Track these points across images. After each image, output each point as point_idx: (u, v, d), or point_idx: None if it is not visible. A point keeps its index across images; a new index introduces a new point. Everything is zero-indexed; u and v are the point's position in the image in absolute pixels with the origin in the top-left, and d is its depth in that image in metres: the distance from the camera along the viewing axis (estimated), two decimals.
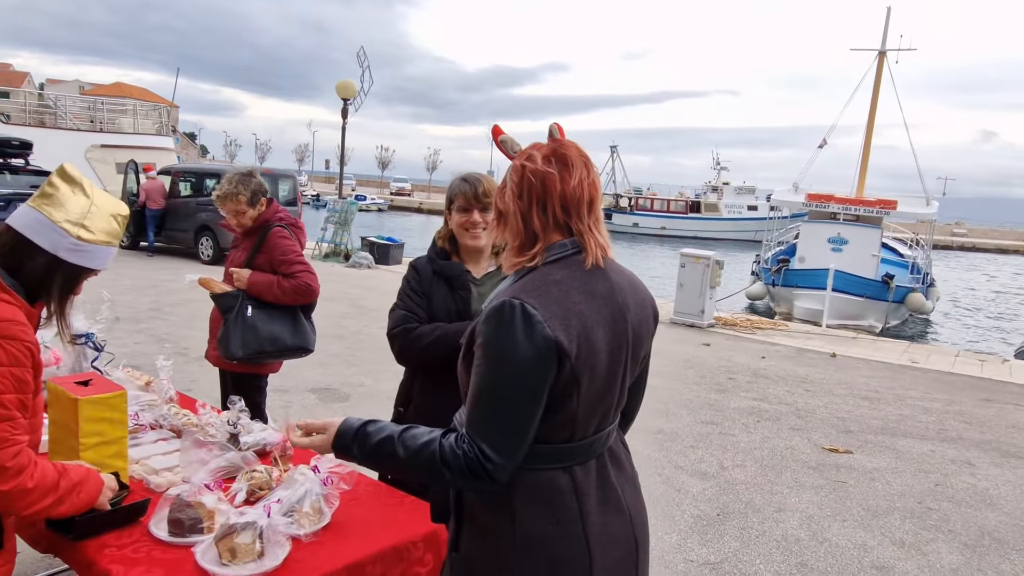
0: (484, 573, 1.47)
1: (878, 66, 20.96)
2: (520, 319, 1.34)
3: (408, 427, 1.45)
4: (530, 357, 1.34)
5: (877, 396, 7.45)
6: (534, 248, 1.46)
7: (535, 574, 1.44)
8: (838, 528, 4.20)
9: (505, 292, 1.41)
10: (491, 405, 1.36)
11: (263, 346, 3.32)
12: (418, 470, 1.41)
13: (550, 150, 1.49)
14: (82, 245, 1.72)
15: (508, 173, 1.51)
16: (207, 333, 3.70)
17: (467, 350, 1.46)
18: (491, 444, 1.36)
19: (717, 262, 11.02)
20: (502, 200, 1.50)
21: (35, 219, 1.70)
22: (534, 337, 1.33)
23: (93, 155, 20.65)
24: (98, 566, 1.73)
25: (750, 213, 51.04)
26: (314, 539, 1.88)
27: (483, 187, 2.32)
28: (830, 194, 19.32)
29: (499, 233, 1.53)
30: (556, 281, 1.41)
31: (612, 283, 1.48)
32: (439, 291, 2.32)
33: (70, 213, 1.72)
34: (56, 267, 1.71)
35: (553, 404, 1.39)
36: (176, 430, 2.47)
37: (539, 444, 1.41)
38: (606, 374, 1.45)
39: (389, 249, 15.89)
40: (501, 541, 1.44)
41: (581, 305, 1.40)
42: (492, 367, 1.36)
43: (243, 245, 3.61)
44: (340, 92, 16.93)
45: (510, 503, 1.43)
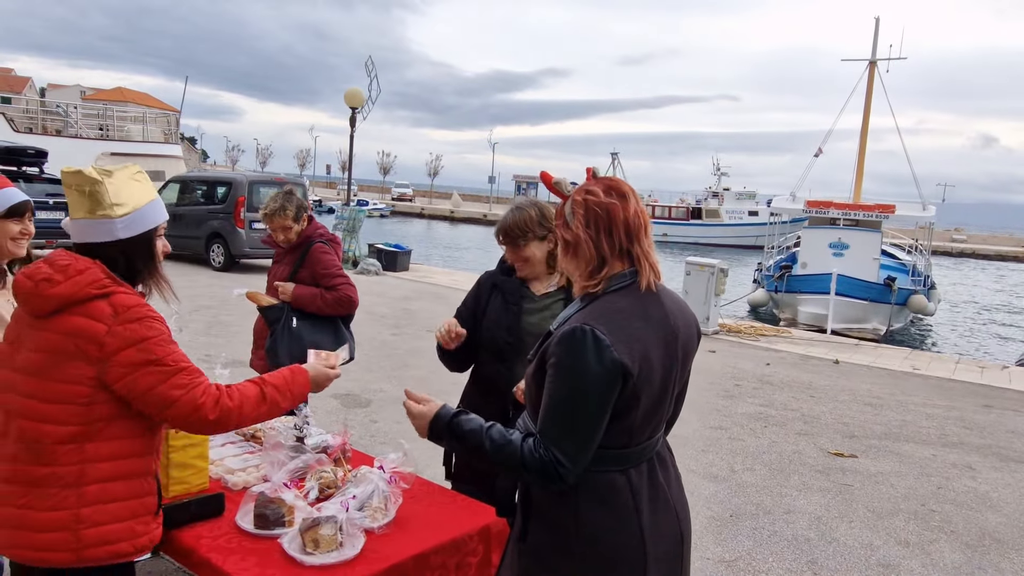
0: (550, 561, 1.69)
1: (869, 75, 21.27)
2: (591, 343, 1.55)
3: (493, 424, 1.67)
4: (599, 377, 1.55)
5: (880, 402, 7.66)
6: (602, 272, 1.68)
7: (596, 563, 1.65)
8: (845, 528, 4.42)
9: (575, 318, 1.63)
10: (564, 418, 1.58)
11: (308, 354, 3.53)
12: (499, 463, 1.63)
13: (606, 185, 1.70)
14: (125, 219, 1.88)
15: (570, 207, 1.71)
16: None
17: (538, 368, 1.67)
18: (563, 452, 1.57)
19: (722, 270, 11.23)
20: (568, 231, 1.71)
21: (81, 228, 1.89)
22: (603, 359, 1.55)
23: (103, 163, 20.88)
24: (198, 554, 1.96)
25: (751, 219, 51.31)
26: (384, 532, 2.10)
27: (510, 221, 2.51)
28: (829, 200, 19.58)
29: (569, 261, 1.73)
30: (619, 309, 1.63)
31: (665, 308, 1.70)
32: (495, 303, 2.56)
33: (98, 203, 1.86)
34: (127, 246, 1.90)
35: (616, 415, 1.61)
36: (243, 434, 2.69)
37: (601, 449, 1.63)
38: (660, 389, 1.67)
39: (397, 256, 16.12)
40: (566, 533, 1.66)
41: (641, 330, 1.62)
42: (565, 384, 1.58)
43: (286, 260, 3.83)
44: (348, 101, 17.15)
45: (575, 500, 1.64)
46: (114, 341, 1.77)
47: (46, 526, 1.77)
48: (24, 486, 1.79)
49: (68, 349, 1.77)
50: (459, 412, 1.72)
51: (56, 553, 1.79)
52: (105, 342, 1.76)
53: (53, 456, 1.78)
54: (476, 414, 1.72)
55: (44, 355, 1.79)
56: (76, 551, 1.79)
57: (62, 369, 1.77)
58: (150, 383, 1.78)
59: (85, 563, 1.80)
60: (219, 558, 1.93)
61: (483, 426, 1.66)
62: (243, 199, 13.79)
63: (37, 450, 1.78)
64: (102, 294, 1.80)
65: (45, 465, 1.78)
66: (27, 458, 1.79)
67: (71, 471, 1.78)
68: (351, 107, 17.14)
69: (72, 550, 1.79)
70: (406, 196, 78.33)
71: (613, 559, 1.65)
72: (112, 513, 1.82)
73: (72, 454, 1.78)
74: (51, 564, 1.80)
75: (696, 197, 57.23)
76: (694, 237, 50.33)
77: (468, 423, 1.68)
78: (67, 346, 1.77)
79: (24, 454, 1.79)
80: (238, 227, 13.76)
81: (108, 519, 1.81)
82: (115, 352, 1.77)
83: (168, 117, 27.02)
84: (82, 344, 1.77)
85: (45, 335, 1.80)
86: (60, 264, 1.82)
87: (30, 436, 1.78)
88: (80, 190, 1.86)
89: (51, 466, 1.78)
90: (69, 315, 1.79)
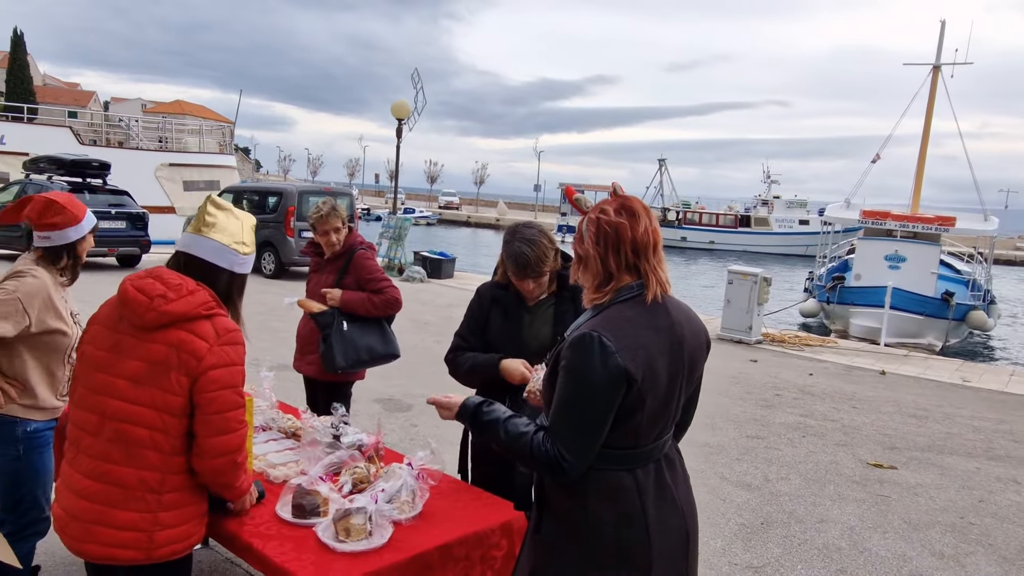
0: (561, 552, 1.81)
1: (932, 80, 20.69)
2: (598, 348, 1.68)
3: (512, 416, 1.82)
4: (604, 380, 1.68)
5: (925, 414, 7.53)
6: (608, 286, 1.80)
7: (604, 554, 1.77)
8: (879, 539, 4.40)
9: (585, 325, 1.76)
10: (570, 417, 1.71)
11: (360, 356, 3.76)
12: (513, 452, 1.78)
13: (619, 204, 1.83)
14: (245, 258, 2.16)
15: (585, 224, 1.84)
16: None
17: (552, 371, 1.80)
18: (567, 448, 1.70)
19: (765, 279, 11.14)
20: (581, 247, 1.84)
21: (212, 247, 2.09)
22: (608, 364, 1.67)
23: (162, 173, 21.77)
24: (241, 539, 2.14)
25: (801, 228, 50.30)
26: (411, 523, 2.25)
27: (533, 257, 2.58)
28: (886, 211, 19.07)
29: (581, 274, 1.86)
30: (627, 318, 1.75)
31: (672, 319, 1.82)
32: (496, 317, 2.71)
33: (233, 235, 2.12)
34: (233, 280, 2.15)
35: (621, 418, 1.73)
36: (284, 431, 2.88)
37: (609, 449, 1.75)
38: (665, 394, 1.78)
39: (441, 264, 16.39)
40: (576, 526, 1.78)
41: (646, 338, 1.74)
42: (572, 386, 1.70)
43: (327, 268, 4.04)
44: (395, 112, 17.56)
45: (584, 496, 1.77)
46: (212, 358, 1.96)
47: (126, 525, 1.94)
48: (111, 485, 1.95)
49: (172, 361, 1.94)
50: (484, 402, 1.88)
51: (129, 551, 1.95)
52: (205, 357, 1.95)
53: (144, 461, 1.95)
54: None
55: (149, 365, 1.95)
56: (147, 551, 1.97)
57: (164, 379, 1.94)
58: (224, 405, 1.97)
59: (152, 561, 1.99)
60: (260, 543, 2.11)
61: (502, 417, 1.81)
62: (293, 209, 14.24)
63: (130, 453, 1.94)
64: (208, 315, 2.00)
65: (135, 468, 1.95)
66: (118, 459, 1.95)
67: (156, 477, 1.96)
68: (397, 118, 17.54)
69: (144, 549, 1.96)
70: (453, 204, 79.02)
71: (619, 553, 1.76)
72: (181, 517, 2.01)
73: (160, 461, 1.96)
74: (121, 561, 1.97)
75: (745, 205, 56.41)
76: (742, 245, 49.58)
77: (491, 412, 1.84)
78: (171, 358, 1.94)
79: (116, 455, 1.95)
80: (288, 236, 14.22)
81: (177, 523, 2.00)
82: (212, 367, 1.95)
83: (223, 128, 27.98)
84: (185, 357, 1.94)
85: (152, 346, 1.96)
86: (172, 283, 2.00)
87: (127, 438, 1.94)
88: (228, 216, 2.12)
89: (141, 470, 1.95)
90: (176, 329, 1.96)
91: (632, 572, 1.77)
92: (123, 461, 1.95)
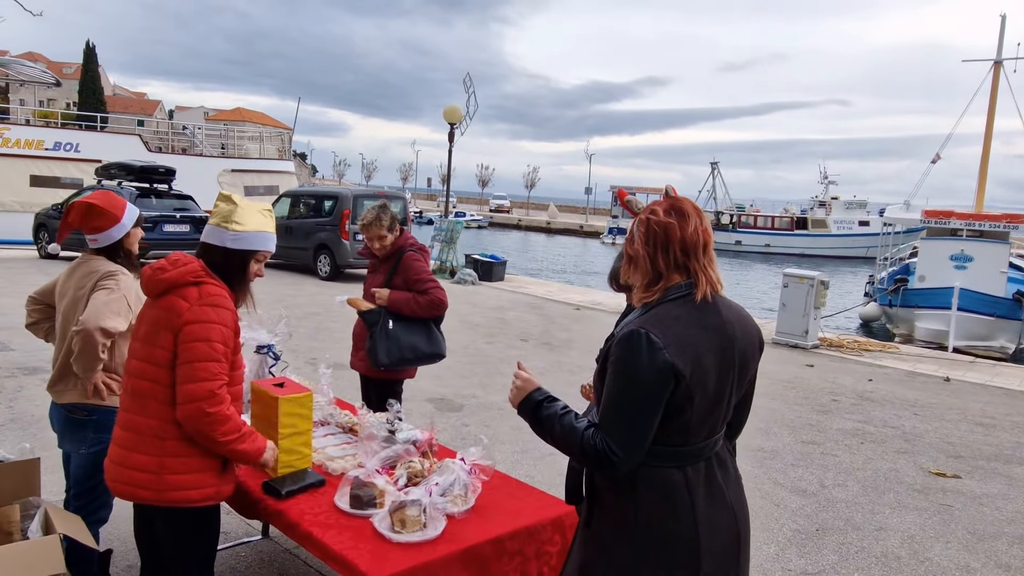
0: (611, 547, 1.83)
1: (994, 76, 19.89)
2: (645, 345, 1.70)
3: (568, 411, 1.85)
4: (651, 376, 1.70)
5: (993, 422, 7.25)
6: (657, 285, 1.83)
7: (653, 549, 1.79)
8: (940, 549, 4.27)
9: (634, 323, 1.78)
10: (619, 412, 1.74)
11: (404, 354, 3.84)
12: (565, 447, 1.81)
13: (668, 205, 1.85)
14: (236, 235, 2.40)
15: (635, 225, 1.88)
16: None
17: (602, 367, 1.83)
18: (617, 442, 1.73)
19: (822, 282, 10.88)
20: (632, 247, 1.87)
21: (207, 231, 2.44)
22: (656, 360, 1.70)
23: (224, 179, 22.52)
24: (301, 527, 2.23)
25: (861, 229, 48.84)
26: (464, 517, 2.30)
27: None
28: (949, 210, 18.41)
29: (630, 274, 1.89)
30: (675, 316, 1.77)
31: (722, 317, 1.83)
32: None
33: (224, 216, 2.42)
34: (229, 255, 2.41)
35: (670, 414, 1.74)
36: (342, 426, 2.97)
37: (659, 446, 1.77)
38: (715, 392, 1.79)
39: (492, 266, 16.50)
40: (625, 521, 1.81)
41: (695, 336, 1.76)
42: (621, 382, 1.73)
43: (381, 269, 4.15)
44: (447, 117, 17.77)
45: (634, 492, 1.79)
46: (189, 315, 2.23)
47: (139, 466, 2.24)
48: (130, 431, 2.28)
49: (162, 320, 2.26)
50: (550, 397, 1.90)
51: (142, 490, 2.24)
52: (183, 314, 2.23)
53: (150, 409, 2.25)
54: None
55: (150, 326, 2.29)
56: (157, 491, 2.23)
57: (157, 336, 2.26)
58: (195, 355, 2.20)
59: (163, 502, 2.25)
60: (319, 532, 2.19)
61: (559, 413, 1.84)
62: (348, 212, 14.54)
63: (140, 403, 2.27)
64: (196, 282, 2.30)
65: (144, 417, 2.26)
66: (135, 409, 2.28)
67: (158, 424, 2.24)
68: (449, 123, 17.74)
69: (154, 490, 2.23)
70: (503, 207, 79.41)
71: (668, 548, 1.78)
72: (186, 466, 2.25)
73: (161, 410, 2.24)
74: (138, 499, 2.28)
75: (801, 207, 55.07)
76: (799, 248, 48.41)
77: (550, 408, 1.86)
78: (162, 318, 2.26)
79: (133, 406, 2.29)
80: (343, 239, 14.52)
81: (182, 470, 2.24)
82: (187, 323, 2.22)
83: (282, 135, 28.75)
84: (171, 316, 2.24)
85: (154, 311, 2.31)
86: (172, 259, 2.36)
87: (138, 391, 2.27)
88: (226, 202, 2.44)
89: (148, 418, 2.25)
90: (170, 295, 2.28)
91: (681, 569, 1.78)
92: (136, 410, 2.28)
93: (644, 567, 1.80)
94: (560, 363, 8.62)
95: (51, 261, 15.17)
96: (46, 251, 15.58)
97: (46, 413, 3.13)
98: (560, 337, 10.34)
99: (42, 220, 15.75)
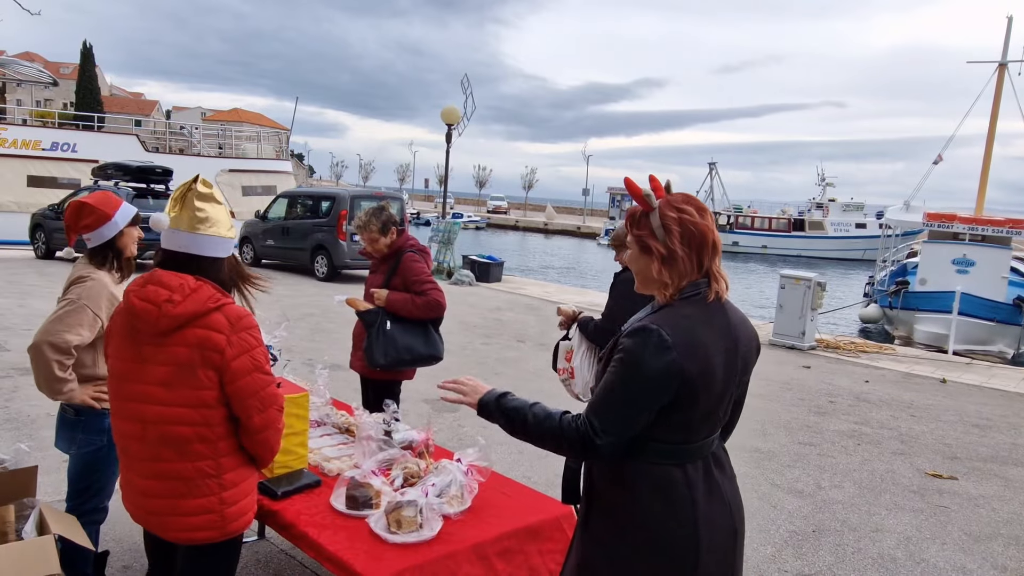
0: (610, 545, 1.83)
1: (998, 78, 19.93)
2: (655, 341, 1.70)
3: (536, 402, 1.85)
4: (655, 374, 1.70)
5: (989, 424, 7.27)
6: (683, 283, 1.82)
7: (652, 547, 1.79)
8: (936, 550, 4.28)
9: (647, 319, 1.78)
10: (613, 397, 1.73)
11: (400, 355, 3.83)
12: (540, 435, 1.79)
13: (695, 206, 1.83)
14: (233, 241, 2.24)
15: (665, 221, 1.81)
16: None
17: (605, 364, 1.82)
18: (603, 426, 1.72)
19: (819, 283, 10.89)
20: (663, 245, 1.81)
21: (214, 242, 2.15)
22: (664, 358, 1.69)
23: (222, 179, 22.50)
24: (297, 528, 2.23)
25: (858, 231, 48.94)
26: (460, 517, 2.30)
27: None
28: (952, 213, 18.41)
29: (665, 271, 1.82)
30: (686, 315, 1.78)
31: (729, 320, 1.84)
32: None
33: (225, 224, 2.19)
34: (232, 262, 2.27)
35: (674, 412, 1.75)
36: (339, 427, 2.97)
37: (660, 443, 1.77)
38: (719, 393, 1.81)
39: (490, 267, 16.50)
40: (625, 520, 1.80)
41: (705, 337, 1.76)
42: (624, 370, 1.73)
43: (380, 269, 4.15)
44: (445, 118, 17.76)
45: (633, 489, 1.79)
46: (232, 349, 2.05)
47: (197, 511, 2.08)
48: (173, 480, 2.07)
49: (196, 359, 2.02)
50: (505, 392, 1.90)
51: (206, 532, 2.10)
52: (225, 350, 2.03)
53: (196, 454, 2.06)
54: None
55: (176, 367, 2.03)
56: (221, 528, 2.12)
57: (193, 377, 2.02)
58: (256, 387, 2.08)
59: (228, 536, 2.15)
60: (315, 532, 2.19)
61: (527, 403, 1.84)
62: (345, 213, 14.52)
63: (181, 450, 2.05)
64: (217, 307, 2.07)
65: (190, 462, 2.06)
66: (171, 457, 2.06)
67: (211, 464, 2.08)
68: (447, 124, 17.73)
69: (218, 528, 2.11)
70: (501, 209, 79.41)
71: (667, 545, 1.78)
72: (243, 492, 2.16)
73: (209, 450, 2.07)
74: (200, 541, 2.12)
75: (799, 208, 55.15)
76: (796, 250, 48.49)
77: (513, 401, 1.86)
78: (195, 357, 2.02)
79: (168, 454, 2.06)
80: (340, 239, 14.51)
81: (240, 498, 2.15)
82: (234, 358, 2.04)
83: (280, 135, 28.74)
84: (208, 353, 2.03)
85: (172, 349, 2.04)
86: (174, 285, 2.05)
87: (173, 438, 2.05)
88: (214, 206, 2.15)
89: (195, 462, 2.06)
90: (191, 328, 2.03)
91: (680, 566, 1.78)
92: (176, 459, 2.06)
93: (644, 564, 1.79)
94: None
95: (47, 262, 15.15)
96: (42, 251, 15.56)
97: (42, 414, 3.13)
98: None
99: (38, 220, 15.73)
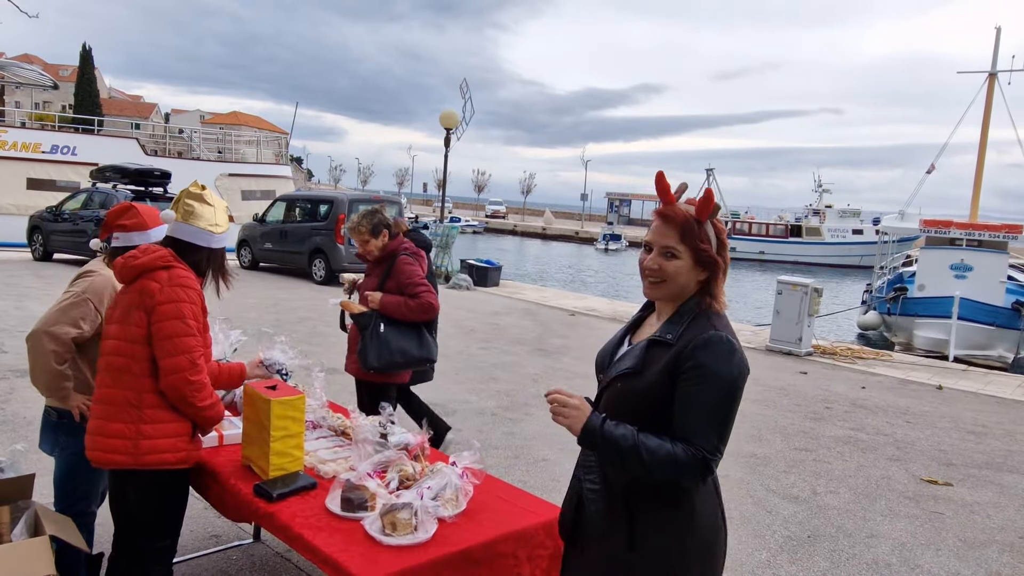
0: (671, 562, 1.79)
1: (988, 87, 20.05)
2: (731, 348, 1.75)
3: (639, 429, 1.76)
4: (741, 380, 1.76)
5: (984, 430, 7.28)
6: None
7: (705, 550, 1.81)
8: (931, 556, 4.29)
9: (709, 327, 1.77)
10: (717, 415, 1.73)
11: (394, 357, 3.84)
12: (655, 463, 1.71)
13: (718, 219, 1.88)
14: (219, 236, 2.66)
15: (713, 233, 1.84)
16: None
17: (670, 376, 1.76)
18: (717, 442, 1.74)
19: (816, 289, 10.91)
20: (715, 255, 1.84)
21: (191, 231, 2.60)
22: (743, 364, 1.77)
23: (221, 183, 22.48)
24: (292, 530, 2.23)
25: (855, 237, 49.07)
26: (455, 520, 2.30)
27: None
28: (949, 219, 18.49)
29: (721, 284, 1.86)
30: (727, 324, 1.83)
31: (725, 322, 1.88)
32: None
33: (208, 219, 2.63)
34: (211, 255, 2.67)
35: None
36: (335, 429, 2.97)
37: None
38: None
39: (488, 272, 16.51)
40: (683, 529, 1.79)
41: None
42: (715, 385, 1.73)
43: (374, 272, 4.16)
44: (444, 123, 17.78)
45: (691, 500, 1.79)
46: (162, 295, 2.44)
47: (115, 434, 2.43)
48: (106, 404, 2.47)
49: (135, 302, 2.46)
50: (604, 417, 1.80)
51: (119, 455, 2.43)
52: (156, 294, 2.44)
53: (124, 382, 2.45)
54: None
55: (124, 308, 2.50)
56: (134, 455, 2.43)
57: (131, 316, 2.46)
58: (172, 332, 2.42)
59: (140, 465, 2.44)
60: (311, 534, 2.19)
61: (634, 430, 1.76)
62: (343, 216, 14.53)
63: (115, 377, 2.46)
64: (165, 266, 2.50)
65: (120, 389, 2.45)
66: (109, 383, 2.47)
67: (134, 395, 2.44)
68: (446, 128, 17.75)
69: (131, 454, 2.43)
70: (499, 213, 79.41)
71: (715, 545, 1.84)
72: (161, 431, 2.46)
73: (136, 382, 2.44)
74: (116, 464, 2.46)
75: (796, 214, 55.26)
76: (793, 256, 48.58)
77: (618, 427, 1.77)
78: (135, 300, 2.47)
79: (107, 380, 2.48)
80: (338, 243, 14.51)
81: (158, 435, 2.45)
82: (160, 304, 2.43)
83: (279, 139, 28.77)
84: (143, 298, 2.45)
85: (128, 295, 2.51)
86: (143, 248, 2.57)
87: (113, 367, 2.47)
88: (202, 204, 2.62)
89: (123, 390, 2.45)
90: (142, 279, 2.48)
91: (721, 559, 1.87)
92: (111, 384, 2.47)
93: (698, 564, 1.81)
94: (554, 369, 8.62)
95: (45, 264, 15.14)
96: (40, 253, 15.55)
97: (38, 416, 3.13)
98: (554, 343, 10.35)
99: (36, 223, 15.71)
